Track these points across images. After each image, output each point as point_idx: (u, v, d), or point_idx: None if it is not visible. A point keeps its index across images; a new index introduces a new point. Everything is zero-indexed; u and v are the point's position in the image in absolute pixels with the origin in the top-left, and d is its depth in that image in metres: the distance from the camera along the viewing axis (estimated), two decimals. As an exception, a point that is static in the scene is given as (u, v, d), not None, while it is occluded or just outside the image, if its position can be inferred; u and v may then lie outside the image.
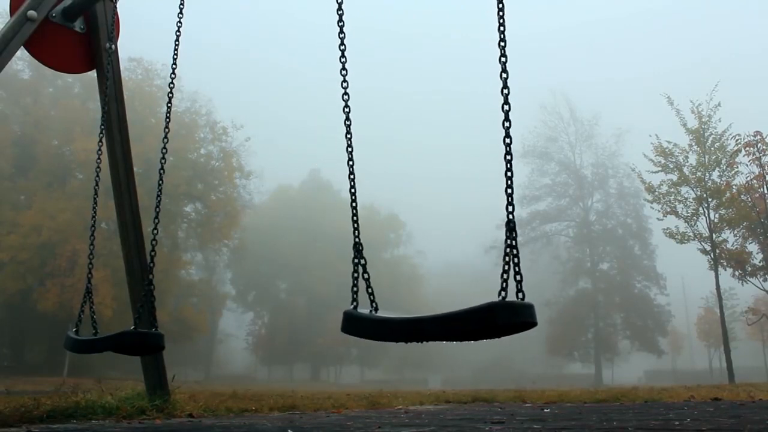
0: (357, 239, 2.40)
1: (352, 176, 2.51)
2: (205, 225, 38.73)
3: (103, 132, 4.26)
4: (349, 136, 2.56)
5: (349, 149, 2.54)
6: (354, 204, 2.49)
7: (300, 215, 56.04)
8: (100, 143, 4.14)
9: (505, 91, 2.04)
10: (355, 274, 2.33)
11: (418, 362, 56.60)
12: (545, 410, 5.11)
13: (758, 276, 21.61)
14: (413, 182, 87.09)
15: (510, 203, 1.96)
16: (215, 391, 8.48)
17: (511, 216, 1.94)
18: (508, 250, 1.90)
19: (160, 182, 3.64)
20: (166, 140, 3.66)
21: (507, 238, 1.91)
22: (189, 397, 5.37)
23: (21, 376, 22.78)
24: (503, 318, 1.82)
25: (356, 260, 2.35)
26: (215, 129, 39.00)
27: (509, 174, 1.99)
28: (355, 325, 2.23)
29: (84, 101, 33.94)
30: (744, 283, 21.94)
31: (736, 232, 21.67)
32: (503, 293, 1.86)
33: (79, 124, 31.36)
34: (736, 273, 21.60)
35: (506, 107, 2.02)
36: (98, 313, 4.18)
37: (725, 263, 21.42)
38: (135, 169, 4.73)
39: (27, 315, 31.89)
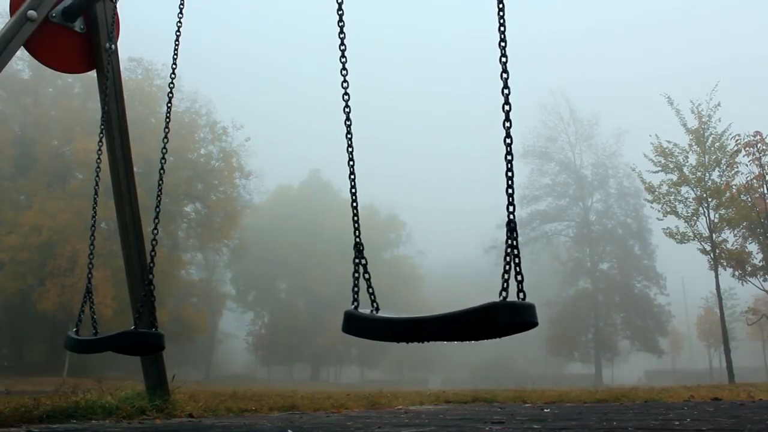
0: (358, 239, 2.39)
1: (352, 176, 2.50)
2: (205, 225, 38.72)
3: (103, 132, 4.26)
4: (349, 136, 2.54)
5: (350, 149, 2.53)
6: (355, 204, 2.49)
7: (300, 215, 56.04)
8: (100, 143, 4.14)
9: (506, 91, 2.03)
10: (356, 274, 2.32)
11: (418, 362, 56.58)
12: (545, 410, 5.11)
13: (758, 276, 21.60)
14: (413, 183, 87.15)
15: (511, 203, 1.96)
16: (215, 391, 8.48)
17: (512, 216, 1.94)
18: (509, 250, 1.90)
19: (160, 182, 3.64)
20: (166, 140, 3.66)
21: (508, 238, 1.91)
22: (189, 397, 5.36)
23: (21, 376, 22.76)
24: (504, 318, 1.81)
25: (357, 260, 2.34)
26: (215, 129, 38.99)
27: (510, 174, 1.99)
28: (356, 325, 2.23)
29: (84, 101, 33.93)
30: (744, 283, 21.93)
31: (736, 232, 21.66)
32: (504, 293, 1.85)
33: (79, 124, 31.33)
34: (736, 273, 21.59)
35: (507, 107, 2.01)
36: (98, 313, 4.18)
37: (725, 263, 21.41)
38: (135, 169, 4.73)
39: (27, 315, 31.87)
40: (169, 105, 3.83)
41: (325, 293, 49.96)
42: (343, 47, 2.60)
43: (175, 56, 3.83)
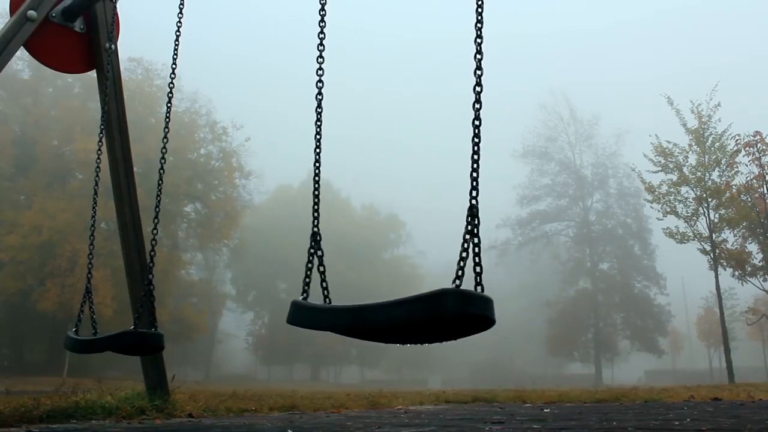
0: (316, 228, 2.30)
1: (317, 164, 2.50)
2: (205, 225, 38.71)
3: (103, 132, 4.26)
4: (319, 123, 2.53)
5: (318, 137, 2.53)
6: (316, 192, 2.45)
7: (300, 215, 55.91)
8: (100, 143, 4.14)
9: (479, 72, 1.99)
10: (309, 265, 2.24)
11: (418, 362, 56.58)
12: (545, 410, 5.11)
13: (758, 276, 21.60)
14: (413, 183, 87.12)
15: (474, 188, 1.85)
16: (215, 391, 8.47)
17: (474, 201, 1.83)
18: (467, 237, 1.77)
19: (160, 182, 3.64)
20: (166, 140, 3.66)
21: (468, 224, 1.79)
22: (189, 397, 5.36)
23: (21, 376, 22.76)
24: (453, 306, 1.65)
25: (312, 250, 2.26)
26: (215, 129, 38.98)
27: (476, 157, 1.90)
28: (300, 315, 2.13)
29: (84, 101, 33.91)
30: (744, 283, 21.93)
31: (736, 232, 21.66)
32: (458, 281, 1.72)
33: (79, 124, 31.32)
34: (736, 273, 21.58)
35: (478, 88, 1.97)
36: (98, 313, 4.19)
37: (725, 263, 21.41)
38: (135, 169, 4.73)
39: (27, 315, 31.86)
40: (169, 105, 3.84)
41: (325, 293, 49.94)
42: (322, 35, 2.58)
43: (175, 56, 3.83)
